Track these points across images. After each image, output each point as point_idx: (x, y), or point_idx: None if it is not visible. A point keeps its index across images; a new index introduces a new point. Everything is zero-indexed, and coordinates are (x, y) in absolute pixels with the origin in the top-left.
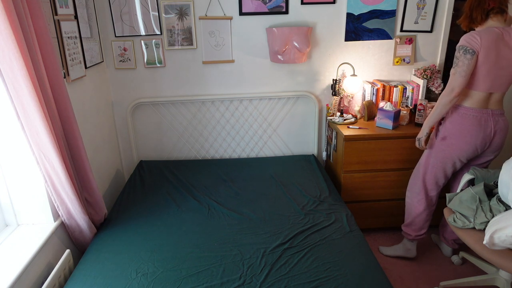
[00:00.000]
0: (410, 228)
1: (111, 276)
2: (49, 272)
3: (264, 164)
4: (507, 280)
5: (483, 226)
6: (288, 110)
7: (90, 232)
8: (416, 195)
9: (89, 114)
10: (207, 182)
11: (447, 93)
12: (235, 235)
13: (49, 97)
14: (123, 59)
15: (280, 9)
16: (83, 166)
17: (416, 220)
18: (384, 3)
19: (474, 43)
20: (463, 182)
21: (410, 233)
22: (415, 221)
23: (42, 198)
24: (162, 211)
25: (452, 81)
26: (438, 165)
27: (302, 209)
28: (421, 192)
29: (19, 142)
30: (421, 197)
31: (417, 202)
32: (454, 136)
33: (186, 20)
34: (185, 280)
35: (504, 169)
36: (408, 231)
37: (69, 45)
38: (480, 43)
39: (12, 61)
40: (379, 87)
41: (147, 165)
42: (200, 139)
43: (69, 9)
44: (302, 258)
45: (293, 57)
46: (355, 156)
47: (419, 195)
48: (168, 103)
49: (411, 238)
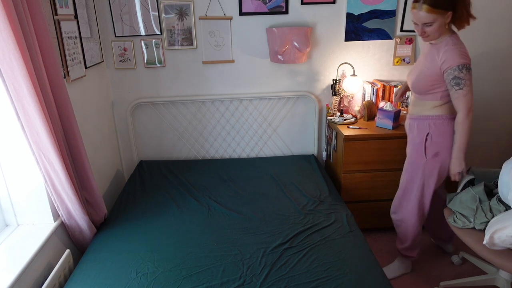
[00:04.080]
0: (412, 250)
1: (111, 276)
2: (49, 272)
3: (264, 164)
4: (507, 280)
5: (483, 226)
6: (288, 110)
7: (90, 232)
8: (411, 217)
9: (89, 114)
10: (207, 182)
11: (466, 115)
12: (235, 235)
13: (49, 97)
14: (123, 59)
15: (280, 9)
16: (83, 166)
17: (417, 239)
18: (384, 3)
19: (469, 57)
20: (463, 182)
21: (413, 254)
22: (416, 240)
23: (42, 198)
24: (162, 211)
25: (466, 102)
26: (436, 181)
27: (302, 209)
28: (418, 212)
29: (19, 142)
30: (418, 217)
31: (414, 223)
32: (446, 149)
33: (186, 20)
34: (185, 280)
35: (504, 169)
36: (410, 254)
37: (69, 45)
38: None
39: (12, 61)
40: (379, 87)
41: (147, 165)
42: (200, 139)
43: (69, 9)
44: (302, 258)
45: (293, 57)
46: (355, 156)
47: (414, 216)
48: (168, 103)
49: (415, 257)
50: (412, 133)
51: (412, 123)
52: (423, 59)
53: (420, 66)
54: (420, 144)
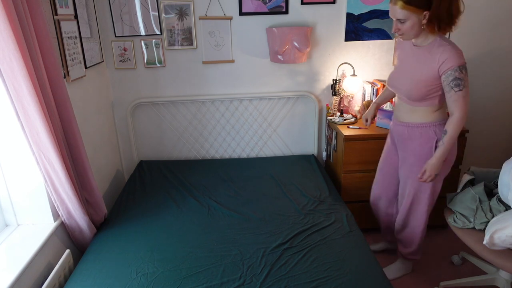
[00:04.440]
0: (417, 253)
1: (111, 276)
2: (49, 272)
3: (264, 164)
4: (507, 280)
5: (483, 226)
6: (288, 110)
7: (90, 232)
8: (420, 225)
9: (89, 114)
10: (207, 182)
11: (463, 117)
12: (235, 235)
13: (49, 97)
14: (123, 59)
15: (280, 9)
16: (83, 166)
17: (422, 243)
18: (384, 3)
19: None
20: (463, 182)
21: (418, 256)
22: (421, 243)
23: (42, 198)
24: (162, 211)
25: (465, 104)
26: (441, 185)
27: (302, 209)
28: (426, 218)
29: (19, 142)
30: (426, 222)
31: (422, 229)
32: (451, 153)
33: (186, 20)
34: (185, 280)
35: (504, 169)
36: (415, 257)
37: (69, 45)
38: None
39: (12, 61)
40: (379, 87)
41: (147, 165)
42: (200, 139)
43: (69, 9)
44: (302, 258)
45: (293, 57)
46: (355, 156)
47: (423, 223)
48: (168, 103)
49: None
50: (413, 142)
51: (413, 131)
52: (413, 64)
53: (411, 72)
54: (429, 152)
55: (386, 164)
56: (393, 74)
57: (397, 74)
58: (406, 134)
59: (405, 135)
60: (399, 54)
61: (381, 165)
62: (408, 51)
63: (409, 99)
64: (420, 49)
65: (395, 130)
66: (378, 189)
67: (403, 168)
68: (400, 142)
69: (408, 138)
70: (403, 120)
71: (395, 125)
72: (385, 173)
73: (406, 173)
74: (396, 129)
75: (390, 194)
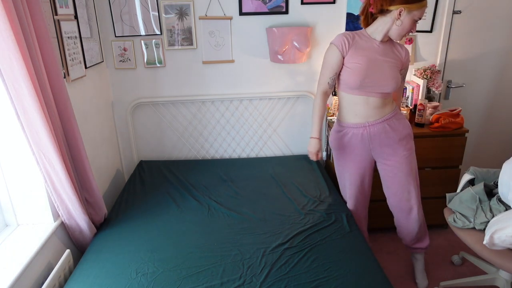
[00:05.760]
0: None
1: (111, 276)
2: (49, 272)
3: (264, 164)
4: (507, 280)
5: (483, 226)
6: (288, 110)
7: (90, 232)
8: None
9: (89, 114)
10: (207, 182)
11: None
12: (235, 235)
13: (49, 97)
14: (123, 59)
15: (280, 9)
16: (83, 166)
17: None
18: None
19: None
20: (463, 182)
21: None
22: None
23: (42, 198)
24: (162, 211)
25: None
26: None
27: (302, 209)
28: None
29: (19, 142)
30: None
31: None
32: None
33: (186, 20)
34: (185, 280)
35: (504, 169)
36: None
37: (69, 45)
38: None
39: (12, 61)
40: None
41: (147, 165)
42: (200, 139)
43: (69, 9)
44: (302, 258)
45: (293, 57)
46: None
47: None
48: (168, 103)
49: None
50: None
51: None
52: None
53: (389, 67)
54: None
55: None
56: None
57: (373, 71)
58: (388, 127)
59: (386, 129)
60: (366, 53)
61: (352, 179)
62: (376, 48)
63: (389, 92)
64: (386, 44)
65: (372, 131)
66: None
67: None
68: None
69: (391, 131)
70: (378, 117)
71: (369, 126)
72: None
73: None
74: (372, 130)
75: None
